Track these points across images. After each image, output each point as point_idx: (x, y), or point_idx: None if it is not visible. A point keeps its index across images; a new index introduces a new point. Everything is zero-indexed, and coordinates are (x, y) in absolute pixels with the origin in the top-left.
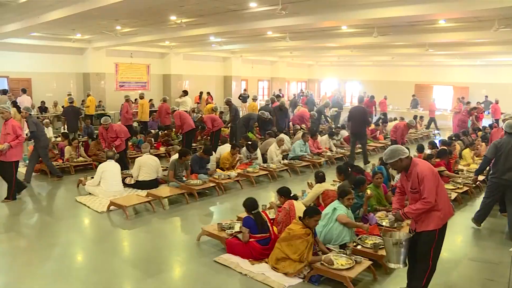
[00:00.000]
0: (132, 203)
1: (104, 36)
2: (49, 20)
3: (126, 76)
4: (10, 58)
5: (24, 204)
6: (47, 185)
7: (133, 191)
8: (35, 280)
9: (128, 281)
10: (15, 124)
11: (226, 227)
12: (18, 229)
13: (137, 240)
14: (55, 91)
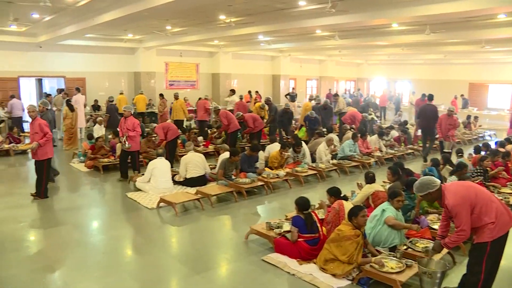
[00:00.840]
0: (181, 200)
1: (154, 36)
2: (103, 21)
3: (175, 75)
4: (66, 59)
5: (77, 198)
6: (100, 181)
7: (182, 188)
8: (87, 273)
9: (176, 277)
10: (41, 123)
11: (274, 226)
12: (72, 222)
13: (186, 236)
14: (108, 90)
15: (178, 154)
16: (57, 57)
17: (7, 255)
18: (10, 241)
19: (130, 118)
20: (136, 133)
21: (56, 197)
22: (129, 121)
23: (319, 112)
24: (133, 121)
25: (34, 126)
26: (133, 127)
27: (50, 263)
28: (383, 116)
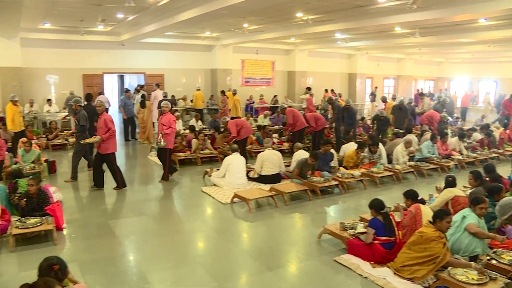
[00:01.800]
0: (255, 197)
1: (231, 34)
2: (182, 20)
3: (251, 72)
4: (146, 56)
5: (154, 190)
6: (176, 174)
7: (256, 184)
8: (161, 262)
9: (248, 271)
10: (106, 118)
11: (348, 227)
12: (148, 213)
13: (258, 233)
14: (185, 86)
15: (253, 150)
16: (138, 54)
17: (89, 241)
18: (93, 228)
19: (167, 114)
20: (172, 130)
21: (134, 188)
22: (166, 118)
23: (393, 112)
24: (170, 117)
25: (101, 121)
26: (169, 124)
27: (127, 251)
28: (462, 117)
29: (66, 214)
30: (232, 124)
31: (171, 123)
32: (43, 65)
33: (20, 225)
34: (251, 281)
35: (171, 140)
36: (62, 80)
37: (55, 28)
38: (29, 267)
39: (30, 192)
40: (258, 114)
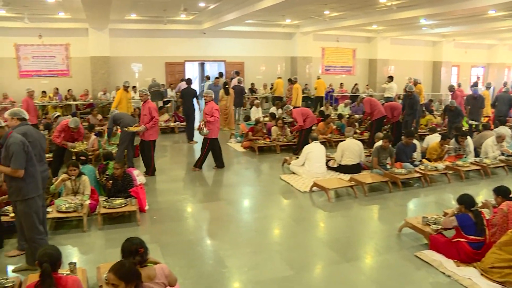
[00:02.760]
0: (335, 186)
1: (312, 21)
2: (263, 7)
3: (332, 60)
4: (226, 44)
5: (233, 176)
6: (255, 162)
7: (335, 174)
8: (239, 248)
9: (325, 261)
10: (151, 106)
11: (431, 221)
12: (227, 199)
13: (336, 223)
14: (264, 74)
15: (333, 139)
16: (218, 42)
17: (170, 223)
18: (173, 211)
19: (210, 103)
20: (215, 119)
21: (212, 174)
22: (208, 107)
23: (467, 103)
24: (212, 106)
25: (145, 108)
26: (211, 113)
27: (205, 235)
28: None
29: (148, 196)
30: (298, 113)
31: (214, 112)
32: (128, 53)
33: (107, 205)
34: (327, 271)
35: (214, 129)
36: (146, 68)
37: (140, 18)
38: (114, 244)
39: (116, 175)
40: (338, 103)
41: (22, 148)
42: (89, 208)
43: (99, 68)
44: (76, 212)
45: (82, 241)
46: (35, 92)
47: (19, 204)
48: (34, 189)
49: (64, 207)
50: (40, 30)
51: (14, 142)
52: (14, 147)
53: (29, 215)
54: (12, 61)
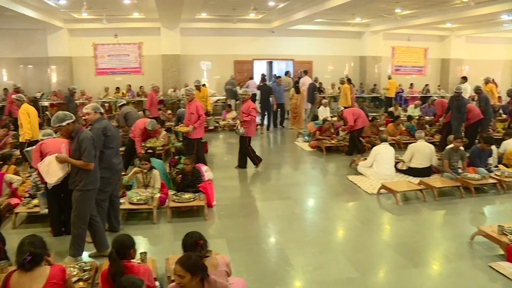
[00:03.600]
0: (403, 189)
1: (382, 19)
2: (333, 6)
3: (402, 60)
4: (295, 43)
5: (300, 175)
6: (322, 161)
7: (404, 176)
8: (304, 247)
9: (391, 265)
10: (198, 105)
11: (508, 231)
12: (294, 198)
13: (404, 226)
14: (332, 73)
15: (403, 141)
16: (287, 41)
17: (236, 219)
18: (239, 207)
19: (247, 101)
20: (251, 118)
21: (280, 172)
22: (245, 105)
23: None
24: (249, 105)
25: (191, 107)
26: (248, 112)
27: (271, 233)
28: None
29: (216, 192)
30: (349, 113)
31: (251, 111)
32: (198, 52)
33: (176, 199)
34: (394, 276)
35: (251, 129)
36: (214, 66)
37: (210, 17)
38: (181, 237)
39: (186, 170)
40: (408, 104)
41: (92, 143)
42: (159, 201)
43: (170, 66)
44: (147, 205)
45: (152, 233)
46: (109, 88)
47: (76, 192)
48: (93, 183)
49: (135, 199)
50: (116, 30)
51: (86, 137)
52: (86, 142)
53: (82, 204)
54: (90, 59)
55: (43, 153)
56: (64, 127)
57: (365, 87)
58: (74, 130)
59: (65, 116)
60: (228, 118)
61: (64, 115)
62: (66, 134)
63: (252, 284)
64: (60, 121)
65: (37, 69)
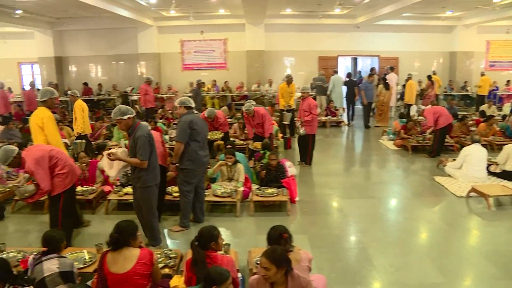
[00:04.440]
0: (497, 193)
1: (478, 11)
2: None
3: (498, 55)
4: (381, 38)
5: (384, 174)
6: (407, 161)
7: (497, 180)
8: (387, 247)
9: (482, 274)
10: (311, 103)
11: None
12: (378, 196)
13: (497, 233)
14: (419, 70)
15: (496, 142)
16: (372, 37)
17: (318, 216)
18: (322, 204)
19: (307, 99)
20: (312, 117)
21: (364, 171)
22: (305, 103)
23: None
24: (310, 102)
25: (304, 105)
26: (310, 109)
27: (353, 231)
28: None
29: (298, 188)
30: (429, 113)
31: (312, 108)
32: (282, 48)
33: (259, 193)
34: (485, 286)
35: (312, 127)
36: (298, 62)
37: (295, 13)
38: (264, 231)
39: (272, 165)
40: (503, 103)
41: (148, 141)
42: (243, 194)
43: (254, 62)
44: (231, 198)
45: (235, 225)
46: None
47: (138, 190)
48: (153, 179)
49: (219, 191)
50: (202, 27)
51: (141, 135)
52: (141, 140)
53: (146, 200)
54: (177, 55)
55: None
56: (124, 120)
57: (454, 84)
58: (132, 125)
59: (127, 110)
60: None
61: (126, 109)
62: (126, 128)
63: (333, 281)
64: (122, 114)
65: (127, 65)
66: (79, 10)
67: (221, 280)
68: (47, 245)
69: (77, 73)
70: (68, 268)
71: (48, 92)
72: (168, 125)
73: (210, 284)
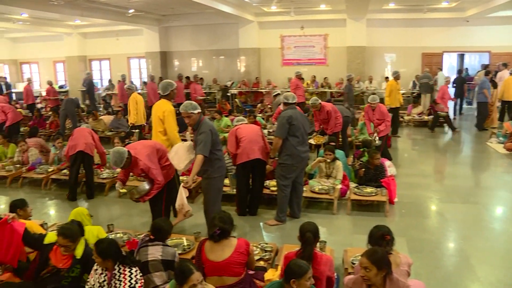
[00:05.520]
0: None
1: None
2: None
3: None
4: (493, 32)
5: (491, 179)
6: None
7: None
8: (492, 259)
9: None
10: (383, 110)
11: None
12: (482, 202)
13: None
14: None
15: None
16: (482, 31)
17: (418, 219)
18: (422, 207)
19: (378, 106)
20: (385, 125)
21: (466, 173)
22: (377, 110)
23: None
24: (382, 109)
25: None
26: (383, 117)
27: (455, 238)
28: None
29: (398, 189)
30: None
31: (385, 114)
32: (383, 43)
33: (357, 192)
34: None
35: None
36: (399, 58)
37: (398, 7)
38: (361, 230)
39: (371, 164)
40: None
41: (210, 136)
42: (340, 192)
43: (355, 58)
44: (328, 195)
45: (331, 223)
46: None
47: (203, 181)
48: (218, 171)
49: (317, 188)
50: (302, 22)
51: (204, 131)
52: (203, 136)
53: (209, 191)
54: (277, 51)
55: (238, 137)
56: (194, 115)
57: None
58: (198, 121)
59: (197, 106)
60: (414, 113)
61: (196, 104)
62: (193, 123)
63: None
64: (193, 108)
65: (228, 60)
66: (185, 7)
67: (301, 272)
68: (155, 234)
69: (179, 67)
70: (170, 258)
71: (169, 86)
72: (266, 119)
73: (290, 277)
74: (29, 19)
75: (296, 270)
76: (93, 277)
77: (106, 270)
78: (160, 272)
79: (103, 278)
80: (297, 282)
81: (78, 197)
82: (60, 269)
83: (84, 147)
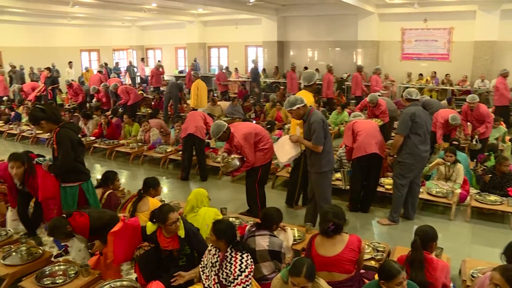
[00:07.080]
0: None
1: None
2: None
3: None
4: None
5: None
6: None
7: None
8: None
9: None
10: (483, 111)
11: None
12: None
13: None
14: None
15: None
16: None
17: None
18: None
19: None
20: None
21: None
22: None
23: None
24: (481, 110)
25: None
26: (482, 118)
27: None
28: None
29: None
30: None
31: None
32: None
33: (479, 198)
34: None
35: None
36: None
37: None
38: (480, 241)
39: (498, 171)
40: None
41: (322, 126)
42: (459, 197)
43: (483, 54)
44: (446, 199)
45: (447, 229)
46: (412, 73)
47: (313, 175)
48: (327, 164)
49: (434, 190)
50: (426, 15)
51: (316, 120)
52: (316, 125)
53: (318, 185)
54: (397, 44)
55: (355, 131)
56: (294, 111)
57: None
58: (305, 113)
59: (296, 101)
60: None
61: (295, 99)
62: (297, 118)
63: None
64: (291, 105)
65: (344, 52)
66: None
67: (389, 276)
68: (264, 221)
69: (295, 57)
70: (277, 248)
71: (314, 76)
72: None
73: (380, 278)
74: (157, 8)
75: (385, 272)
76: (206, 256)
77: (219, 251)
78: (268, 262)
79: (216, 259)
80: (386, 284)
81: (192, 178)
82: (171, 251)
83: (194, 130)
